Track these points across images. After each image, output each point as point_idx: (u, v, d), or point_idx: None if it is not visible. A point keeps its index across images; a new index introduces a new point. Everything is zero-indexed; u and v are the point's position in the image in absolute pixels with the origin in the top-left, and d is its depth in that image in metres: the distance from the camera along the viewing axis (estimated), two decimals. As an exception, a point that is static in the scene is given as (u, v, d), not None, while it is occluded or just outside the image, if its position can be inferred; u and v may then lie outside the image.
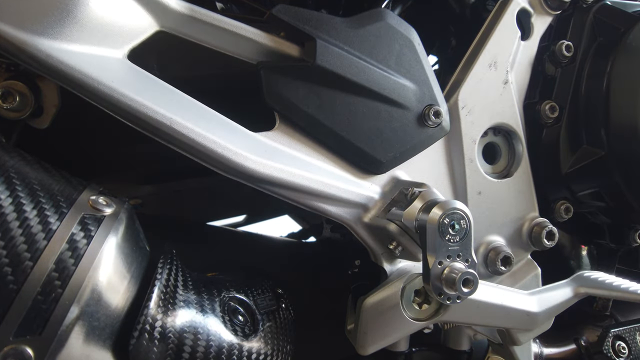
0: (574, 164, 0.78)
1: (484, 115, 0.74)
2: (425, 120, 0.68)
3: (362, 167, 0.66)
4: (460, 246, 0.56)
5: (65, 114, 0.60)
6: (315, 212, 0.64)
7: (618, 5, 0.79)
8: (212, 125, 0.57)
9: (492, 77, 0.74)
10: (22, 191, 0.43)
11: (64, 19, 0.52)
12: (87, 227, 0.45)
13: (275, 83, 0.61)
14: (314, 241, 1.23)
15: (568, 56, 0.78)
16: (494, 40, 0.74)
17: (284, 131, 0.63)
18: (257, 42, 0.62)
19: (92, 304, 0.43)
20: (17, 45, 0.50)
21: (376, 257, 0.69)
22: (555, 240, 0.76)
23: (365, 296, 0.68)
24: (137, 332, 0.47)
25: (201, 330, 0.52)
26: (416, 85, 0.67)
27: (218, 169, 0.58)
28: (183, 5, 0.59)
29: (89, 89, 0.52)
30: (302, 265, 0.98)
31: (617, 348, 0.85)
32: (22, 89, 0.56)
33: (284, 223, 1.43)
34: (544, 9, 0.79)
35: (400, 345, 0.75)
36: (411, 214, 0.60)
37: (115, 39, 0.56)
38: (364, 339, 0.67)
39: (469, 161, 0.73)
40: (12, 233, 0.41)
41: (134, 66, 0.57)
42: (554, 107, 0.77)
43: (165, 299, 0.50)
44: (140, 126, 0.54)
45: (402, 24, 0.67)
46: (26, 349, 0.39)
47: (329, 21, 0.63)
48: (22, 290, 0.40)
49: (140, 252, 0.52)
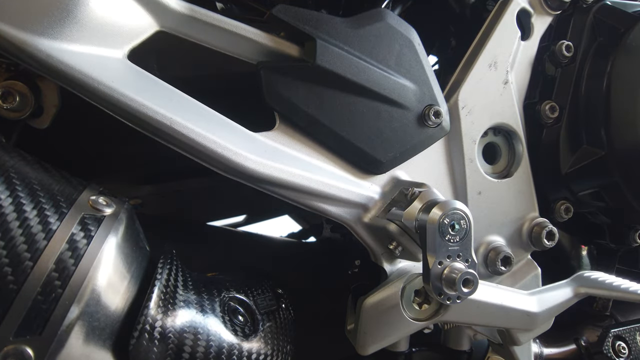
0: (574, 164, 0.78)
1: (484, 115, 0.74)
2: (425, 121, 0.68)
3: (362, 167, 0.66)
4: (460, 246, 0.56)
5: (65, 114, 0.60)
6: (315, 212, 0.64)
7: (618, 5, 0.79)
8: (212, 125, 0.57)
9: (492, 77, 0.74)
10: (22, 191, 0.43)
11: (64, 19, 0.52)
12: (87, 227, 0.45)
13: (275, 83, 0.61)
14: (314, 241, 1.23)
15: (568, 56, 0.78)
16: (494, 40, 0.74)
17: (284, 131, 0.63)
18: (257, 42, 0.62)
19: (92, 304, 0.43)
20: (17, 45, 0.50)
21: (376, 257, 0.69)
22: (555, 240, 0.76)
23: (365, 296, 0.68)
24: (137, 332, 0.47)
25: (201, 330, 0.52)
26: (416, 85, 0.67)
27: (218, 169, 0.58)
28: (183, 5, 0.59)
29: (89, 89, 0.52)
30: (302, 265, 0.98)
31: (617, 348, 0.85)
32: (22, 89, 0.56)
33: (284, 223, 1.43)
34: (544, 9, 0.79)
35: (400, 345, 0.75)
36: (411, 214, 0.60)
37: (115, 39, 0.56)
38: (364, 339, 0.67)
39: (469, 161, 0.73)
40: (12, 233, 0.41)
41: (134, 66, 0.57)
42: (554, 107, 0.77)
43: (165, 299, 0.50)
44: (140, 126, 0.54)
45: (402, 24, 0.67)
46: (26, 349, 0.39)
47: (329, 21, 0.63)
48: (22, 290, 0.40)
49: (140, 252, 0.52)
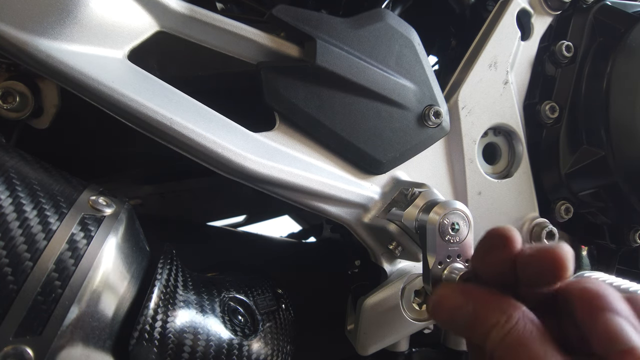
0: (574, 164, 0.78)
1: (484, 116, 0.74)
2: (425, 121, 0.68)
3: (362, 167, 0.66)
4: (461, 247, 0.56)
5: (65, 114, 0.60)
6: (315, 213, 0.64)
7: (618, 6, 0.79)
8: (212, 126, 0.57)
9: (492, 77, 0.74)
10: (22, 191, 0.43)
11: (64, 19, 0.52)
12: (87, 227, 0.45)
13: (275, 83, 0.61)
14: (314, 241, 1.23)
15: (568, 56, 0.78)
16: (494, 41, 0.74)
17: (284, 131, 0.63)
18: (257, 43, 0.62)
19: (92, 304, 0.43)
20: (18, 46, 0.50)
21: (376, 257, 0.69)
22: (555, 240, 0.76)
23: (365, 296, 0.68)
24: (137, 333, 0.46)
25: (201, 330, 0.52)
26: (416, 85, 0.67)
27: (218, 169, 0.58)
28: (183, 5, 0.59)
29: (89, 89, 0.51)
30: (302, 265, 0.98)
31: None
32: (22, 89, 0.56)
33: (284, 223, 1.43)
34: (544, 9, 0.79)
35: (400, 346, 0.75)
36: (411, 215, 0.60)
37: (115, 39, 0.56)
38: (364, 339, 0.67)
39: (469, 161, 0.73)
40: (12, 233, 0.41)
41: (134, 66, 0.57)
42: (554, 107, 0.77)
43: (165, 299, 0.50)
44: (140, 126, 0.54)
45: (402, 24, 0.67)
46: (26, 349, 0.39)
47: (329, 21, 0.63)
48: (22, 291, 0.40)
49: (140, 252, 0.52)
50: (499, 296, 0.41)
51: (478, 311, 0.41)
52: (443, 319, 0.43)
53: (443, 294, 0.44)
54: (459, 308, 0.42)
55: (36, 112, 0.58)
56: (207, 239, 0.97)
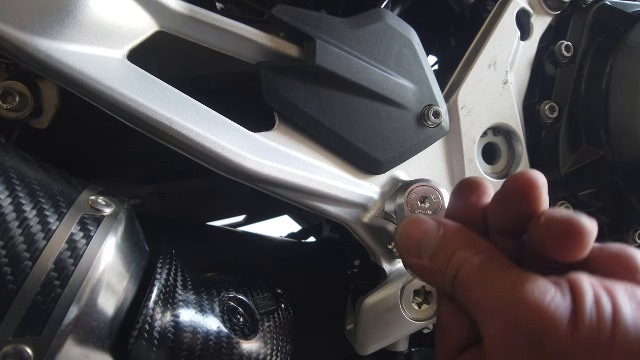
0: (574, 164, 0.78)
1: (484, 116, 0.74)
2: (425, 121, 0.68)
3: (361, 167, 0.66)
4: (437, 217, 0.57)
5: (65, 114, 0.60)
6: (315, 213, 0.64)
7: (618, 6, 0.79)
8: (211, 125, 0.57)
9: (492, 77, 0.74)
10: (22, 191, 0.43)
11: (64, 19, 0.52)
12: (86, 227, 0.45)
13: (274, 83, 0.61)
14: (314, 241, 1.23)
15: (568, 56, 0.78)
16: (493, 41, 0.74)
17: (284, 131, 0.63)
18: (257, 43, 0.62)
19: (92, 304, 0.43)
20: (17, 46, 0.50)
21: (376, 257, 0.69)
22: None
23: (365, 296, 0.68)
24: (137, 332, 0.47)
25: (200, 330, 0.52)
26: (416, 85, 0.67)
27: (218, 169, 0.58)
28: (183, 5, 0.59)
29: (89, 89, 0.52)
30: (302, 265, 0.98)
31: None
32: (22, 89, 0.56)
33: (284, 223, 1.43)
34: (544, 9, 0.79)
35: (400, 346, 0.75)
36: (390, 203, 0.61)
37: (115, 39, 0.56)
38: (364, 339, 0.67)
39: (468, 161, 0.73)
40: (11, 233, 0.41)
41: (134, 66, 0.57)
42: (554, 107, 0.77)
43: (164, 299, 0.50)
44: (140, 126, 0.54)
45: (401, 24, 0.67)
46: (26, 349, 0.39)
47: (328, 21, 0.63)
48: (22, 291, 0.40)
49: (140, 252, 0.52)
50: (469, 230, 0.41)
51: (447, 235, 0.40)
52: (410, 242, 0.42)
53: (414, 218, 0.43)
54: (429, 232, 0.41)
55: (36, 112, 0.58)
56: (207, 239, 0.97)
